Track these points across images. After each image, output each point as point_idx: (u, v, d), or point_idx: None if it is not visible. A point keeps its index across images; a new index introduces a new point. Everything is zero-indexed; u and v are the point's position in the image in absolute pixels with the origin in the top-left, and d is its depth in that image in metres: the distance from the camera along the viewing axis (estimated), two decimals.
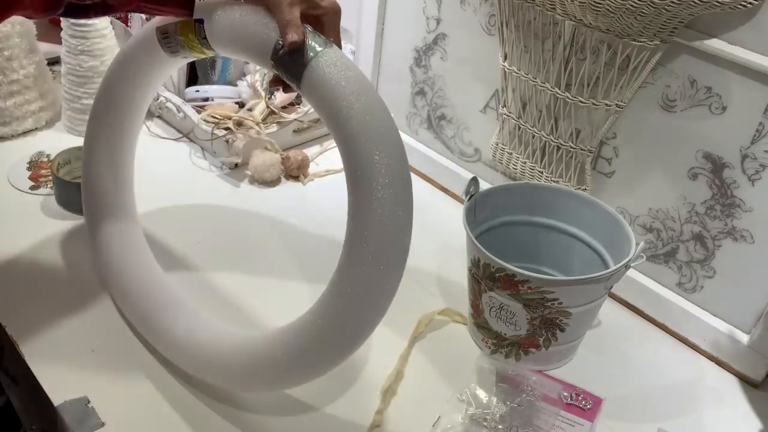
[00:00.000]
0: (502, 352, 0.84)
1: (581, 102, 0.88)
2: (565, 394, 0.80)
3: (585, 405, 0.79)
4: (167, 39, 0.79)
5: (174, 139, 1.22)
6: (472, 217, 0.85)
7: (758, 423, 0.81)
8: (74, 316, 0.85)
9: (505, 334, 0.82)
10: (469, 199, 0.85)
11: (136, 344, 0.82)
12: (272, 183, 1.13)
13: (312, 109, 1.20)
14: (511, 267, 0.76)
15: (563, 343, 0.82)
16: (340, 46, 0.71)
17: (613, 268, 0.78)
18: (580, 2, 0.80)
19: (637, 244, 0.78)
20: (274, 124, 1.18)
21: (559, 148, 0.94)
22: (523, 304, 0.78)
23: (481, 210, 0.87)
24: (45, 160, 1.10)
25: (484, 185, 0.90)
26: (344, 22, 1.34)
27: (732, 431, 0.80)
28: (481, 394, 0.79)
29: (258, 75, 1.22)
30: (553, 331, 0.80)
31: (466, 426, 0.75)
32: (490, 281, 0.79)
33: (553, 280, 0.77)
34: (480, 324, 0.85)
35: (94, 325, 0.84)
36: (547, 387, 0.81)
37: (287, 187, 1.13)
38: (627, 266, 0.77)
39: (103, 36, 1.11)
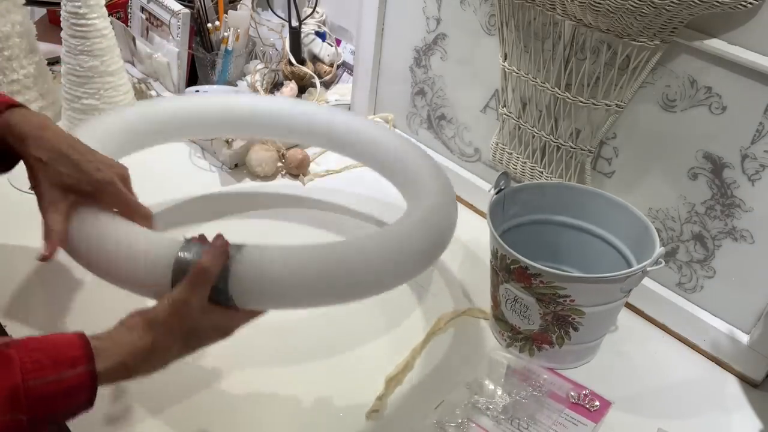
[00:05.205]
0: (517, 345, 0.85)
1: (581, 102, 0.88)
2: (573, 393, 0.80)
3: (591, 406, 0.79)
4: None
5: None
6: (500, 211, 0.86)
7: (758, 423, 0.81)
8: (75, 316, 0.85)
9: (519, 328, 0.83)
10: (497, 193, 0.85)
11: None
12: (266, 178, 1.13)
13: None
14: (524, 259, 0.76)
15: (577, 343, 0.82)
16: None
17: (626, 270, 0.78)
18: (580, 2, 0.80)
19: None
20: None
21: (559, 148, 0.94)
22: (536, 298, 0.78)
23: (511, 205, 0.88)
24: None
25: (486, 185, 0.90)
26: (344, 22, 1.35)
27: (732, 431, 0.80)
28: (489, 384, 0.80)
29: (258, 75, 1.22)
30: (566, 329, 0.80)
31: (469, 412, 0.76)
32: (506, 273, 0.79)
33: (564, 275, 0.77)
34: (497, 316, 0.86)
35: (94, 325, 0.84)
36: (557, 385, 0.81)
37: (283, 183, 1.14)
38: (644, 271, 0.77)
39: (103, 36, 1.10)
